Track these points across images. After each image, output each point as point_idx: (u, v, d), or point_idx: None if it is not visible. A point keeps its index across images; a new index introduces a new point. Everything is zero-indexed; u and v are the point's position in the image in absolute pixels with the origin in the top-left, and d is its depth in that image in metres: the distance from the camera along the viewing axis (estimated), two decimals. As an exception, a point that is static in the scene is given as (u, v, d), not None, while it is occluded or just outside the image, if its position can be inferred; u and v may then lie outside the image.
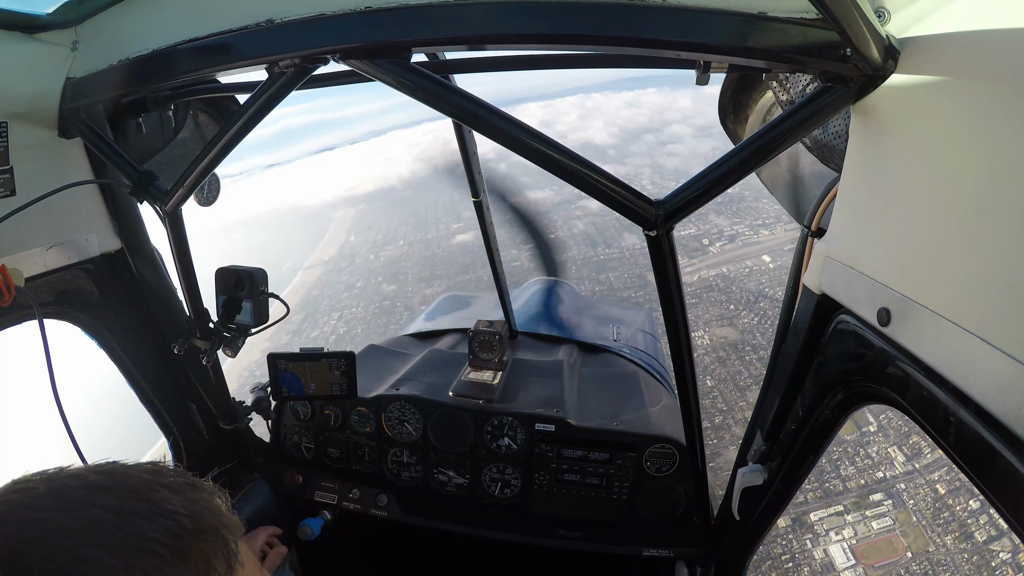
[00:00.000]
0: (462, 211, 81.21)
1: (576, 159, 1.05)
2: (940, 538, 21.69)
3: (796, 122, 0.97)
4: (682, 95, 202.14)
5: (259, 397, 2.12)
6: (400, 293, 54.64)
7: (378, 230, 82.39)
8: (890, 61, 0.84)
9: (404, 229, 79.05)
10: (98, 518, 0.49)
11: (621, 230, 60.04)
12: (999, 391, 0.68)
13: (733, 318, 36.32)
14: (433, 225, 76.94)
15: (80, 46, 1.36)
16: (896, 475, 24.11)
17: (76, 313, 1.62)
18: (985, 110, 0.71)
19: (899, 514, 22.75)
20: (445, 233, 72.58)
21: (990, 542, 21.04)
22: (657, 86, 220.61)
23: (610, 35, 0.92)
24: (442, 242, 69.95)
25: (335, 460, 2.25)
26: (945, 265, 0.79)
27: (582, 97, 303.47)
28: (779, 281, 43.57)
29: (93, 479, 0.53)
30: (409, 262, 63.02)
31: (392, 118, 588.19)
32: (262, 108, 1.23)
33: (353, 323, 48.97)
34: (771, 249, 49.16)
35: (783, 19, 0.87)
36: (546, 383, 2.29)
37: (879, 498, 23.38)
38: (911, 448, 24.80)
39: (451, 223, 75.80)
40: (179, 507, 0.54)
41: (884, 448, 24.88)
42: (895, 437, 25.14)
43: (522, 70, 1.38)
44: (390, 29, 1.01)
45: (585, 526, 2.03)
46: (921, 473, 23.89)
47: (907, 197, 0.87)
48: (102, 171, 1.58)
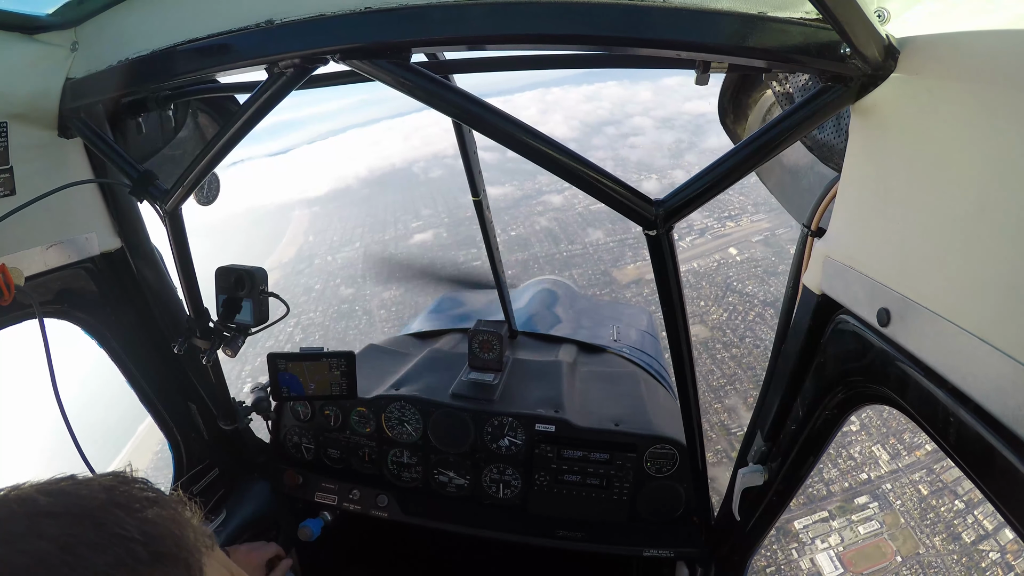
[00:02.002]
0: (421, 208, 79.63)
1: (576, 158, 1.05)
2: (929, 539, 21.32)
3: (796, 122, 0.97)
4: (643, 88, 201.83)
5: (259, 397, 2.12)
6: (358, 296, 54.14)
7: (335, 230, 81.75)
8: (890, 61, 0.84)
9: (361, 230, 78.70)
10: (43, 553, 0.45)
11: (584, 225, 59.35)
12: (999, 391, 0.68)
13: (703, 315, 36.24)
14: (391, 225, 76.23)
15: (80, 47, 1.36)
16: (881, 475, 23.68)
17: (76, 312, 1.62)
18: (985, 110, 0.71)
19: (886, 516, 22.35)
20: (404, 232, 71.78)
21: (979, 541, 20.77)
22: (617, 79, 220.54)
23: (610, 35, 0.92)
24: (400, 242, 69.29)
25: (335, 461, 2.24)
26: (945, 265, 0.79)
27: (542, 92, 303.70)
28: (748, 274, 43.36)
29: (42, 503, 0.49)
30: (367, 263, 62.44)
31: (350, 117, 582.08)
32: (262, 108, 1.23)
33: (311, 328, 48.34)
34: (738, 241, 49.02)
35: (783, 19, 0.87)
36: (546, 383, 2.28)
37: (864, 501, 22.95)
38: (893, 447, 24.43)
39: (410, 221, 74.75)
40: (134, 532, 0.49)
41: (868, 447, 24.46)
42: (878, 435, 24.68)
43: (522, 70, 1.38)
44: (390, 29, 1.01)
45: (585, 526, 2.03)
46: (905, 472, 23.48)
47: (907, 197, 0.87)
48: (102, 171, 1.59)
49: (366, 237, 74.47)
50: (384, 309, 49.50)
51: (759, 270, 44.93)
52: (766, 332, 35.86)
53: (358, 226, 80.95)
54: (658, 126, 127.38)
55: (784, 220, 52.49)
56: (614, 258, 53.27)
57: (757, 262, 46.49)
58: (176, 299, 1.83)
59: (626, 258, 52.73)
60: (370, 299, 52.10)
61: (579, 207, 63.38)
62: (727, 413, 25.82)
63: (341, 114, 65.13)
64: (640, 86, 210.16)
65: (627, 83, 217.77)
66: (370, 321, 47.78)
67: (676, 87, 50.17)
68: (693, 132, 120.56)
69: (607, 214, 60.83)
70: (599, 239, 56.24)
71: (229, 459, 2.17)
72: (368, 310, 50.17)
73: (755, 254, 47.82)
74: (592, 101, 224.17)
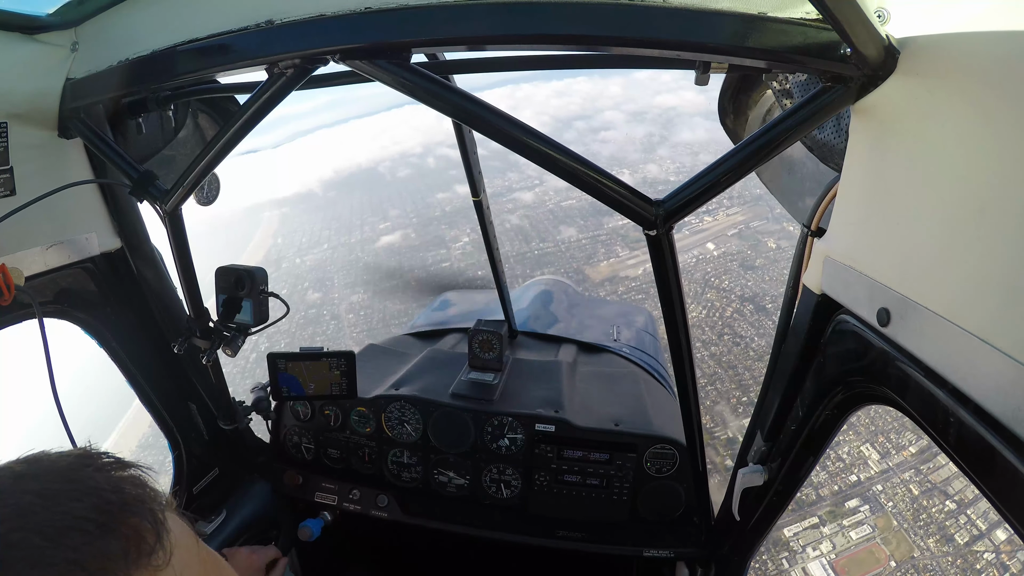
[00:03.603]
0: (388, 210, 77.20)
1: (576, 159, 1.05)
2: (923, 541, 20.86)
3: (796, 122, 0.97)
4: (613, 82, 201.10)
5: (259, 397, 2.12)
6: (326, 300, 53.57)
7: (304, 232, 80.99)
8: (890, 61, 0.84)
9: (328, 232, 77.81)
10: (25, 503, 0.51)
11: (556, 223, 58.34)
12: (999, 391, 0.68)
13: (683, 313, 35.94)
14: (358, 227, 75.36)
15: (80, 47, 1.36)
16: (871, 476, 23.12)
17: (76, 312, 1.62)
18: (985, 110, 0.71)
19: (878, 519, 21.82)
20: (371, 235, 70.98)
21: (973, 542, 20.36)
22: (587, 75, 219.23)
23: (610, 35, 0.92)
24: (367, 245, 68.67)
25: (335, 461, 2.25)
26: (945, 265, 0.79)
27: (511, 88, 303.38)
28: (724, 270, 43.08)
29: (19, 469, 0.55)
30: (334, 267, 61.80)
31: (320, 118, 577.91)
32: (262, 108, 1.23)
33: (276, 336, 47.82)
34: (715, 236, 48.73)
35: (783, 19, 0.87)
36: (546, 383, 2.28)
37: (855, 504, 22.40)
38: (883, 445, 23.84)
39: (377, 223, 73.62)
40: (105, 485, 0.55)
41: (856, 447, 23.96)
42: (867, 434, 24.16)
43: (522, 70, 1.38)
44: (390, 29, 1.01)
45: (585, 527, 2.03)
46: (896, 471, 22.92)
47: (907, 197, 0.87)
48: (102, 171, 1.59)
49: (334, 239, 73.63)
50: (352, 313, 48.67)
51: (735, 264, 44.71)
52: (745, 328, 35.58)
53: (326, 228, 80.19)
54: (629, 120, 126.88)
55: (758, 212, 51.88)
56: (587, 255, 52.74)
57: (733, 256, 46.28)
58: (176, 299, 1.83)
59: (599, 255, 52.13)
60: (338, 303, 51.56)
61: (550, 204, 62.48)
62: (709, 416, 25.26)
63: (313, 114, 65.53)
64: (610, 80, 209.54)
65: (597, 78, 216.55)
66: (338, 327, 46.71)
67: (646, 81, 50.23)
68: (663, 126, 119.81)
69: (579, 211, 60.12)
70: (572, 236, 55.74)
71: (229, 459, 2.17)
72: (336, 315, 49.43)
73: (731, 248, 47.60)
74: (563, 96, 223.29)
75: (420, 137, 30.74)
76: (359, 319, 47.76)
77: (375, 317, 47.17)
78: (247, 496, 2.18)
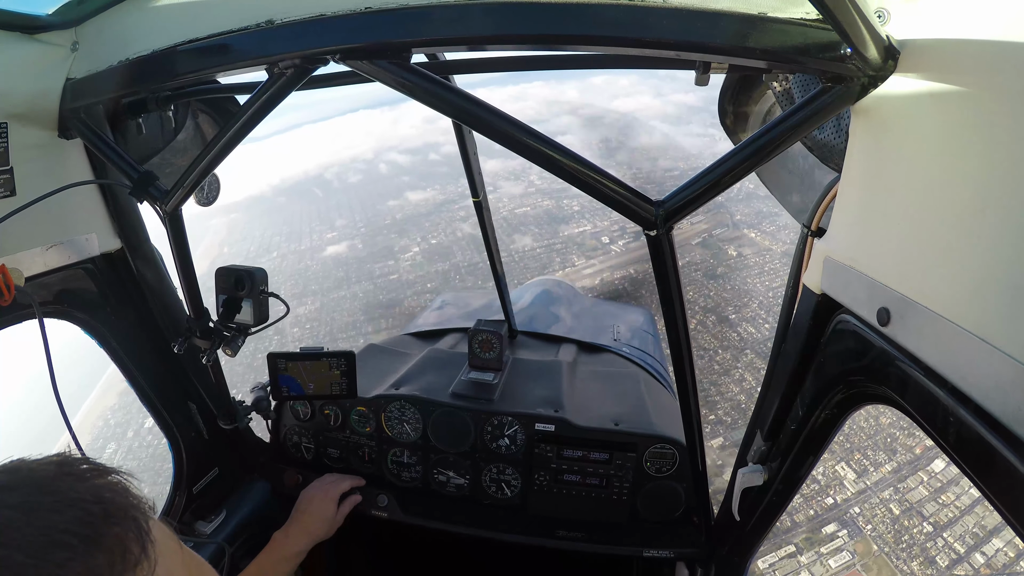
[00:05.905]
0: (335, 219, 74.40)
1: (576, 159, 1.05)
2: (907, 565, 19.80)
3: (796, 122, 0.97)
4: (569, 87, 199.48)
5: (259, 397, 2.12)
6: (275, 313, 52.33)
7: (252, 240, 79.28)
8: (890, 61, 0.84)
9: (278, 239, 76.31)
10: (5, 519, 0.49)
11: (510, 231, 56.45)
12: (999, 391, 0.68)
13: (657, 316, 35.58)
14: (307, 235, 73.88)
15: (80, 47, 1.36)
16: (848, 498, 21.85)
17: (76, 312, 1.62)
18: (985, 110, 0.71)
19: (857, 544, 20.66)
20: (319, 243, 69.53)
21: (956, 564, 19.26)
22: (544, 79, 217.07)
23: (610, 35, 0.92)
24: (315, 254, 67.34)
25: (335, 460, 2.25)
26: (945, 265, 0.79)
27: None
28: (688, 280, 42.40)
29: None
30: (283, 276, 60.35)
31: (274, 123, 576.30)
32: (262, 109, 1.23)
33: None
34: (681, 245, 48.46)
35: (783, 19, 0.87)
36: (546, 383, 2.29)
37: (833, 529, 21.23)
38: (859, 463, 22.54)
39: (325, 232, 71.53)
40: (86, 495, 0.54)
41: (831, 467, 22.73)
42: (841, 452, 23.01)
43: (522, 70, 1.38)
44: (390, 29, 1.01)
45: (585, 526, 2.03)
46: (874, 491, 21.72)
47: (907, 197, 0.87)
48: (102, 171, 1.58)
49: (283, 247, 71.86)
50: (298, 327, 46.74)
51: (699, 274, 44.44)
52: (708, 341, 35.10)
53: (276, 234, 78.41)
54: (584, 125, 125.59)
55: (720, 220, 51.40)
56: (542, 265, 51.71)
57: (697, 266, 45.95)
58: (176, 299, 1.83)
59: (555, 264, 51.27)
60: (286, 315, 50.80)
61: (504, 211, 60.60)
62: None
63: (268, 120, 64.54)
64: (567, 85, 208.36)
65: (553, 83, 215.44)
66: (281, 342, 46.32)
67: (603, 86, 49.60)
68: (621, 131, 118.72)
69: (533, 219, 58.88)
70: (527, 245, 54.44)
71: (229, 459, 2.17)
72: (280, 328, 48.69)
73: (695, 258, 47.34)
74: (519, 101, 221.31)
75: (371, 142, 31.05)
76: (304, 332, 46.10)
77: (322, 331, 45.43)
78: (247, 496, 2.18)
